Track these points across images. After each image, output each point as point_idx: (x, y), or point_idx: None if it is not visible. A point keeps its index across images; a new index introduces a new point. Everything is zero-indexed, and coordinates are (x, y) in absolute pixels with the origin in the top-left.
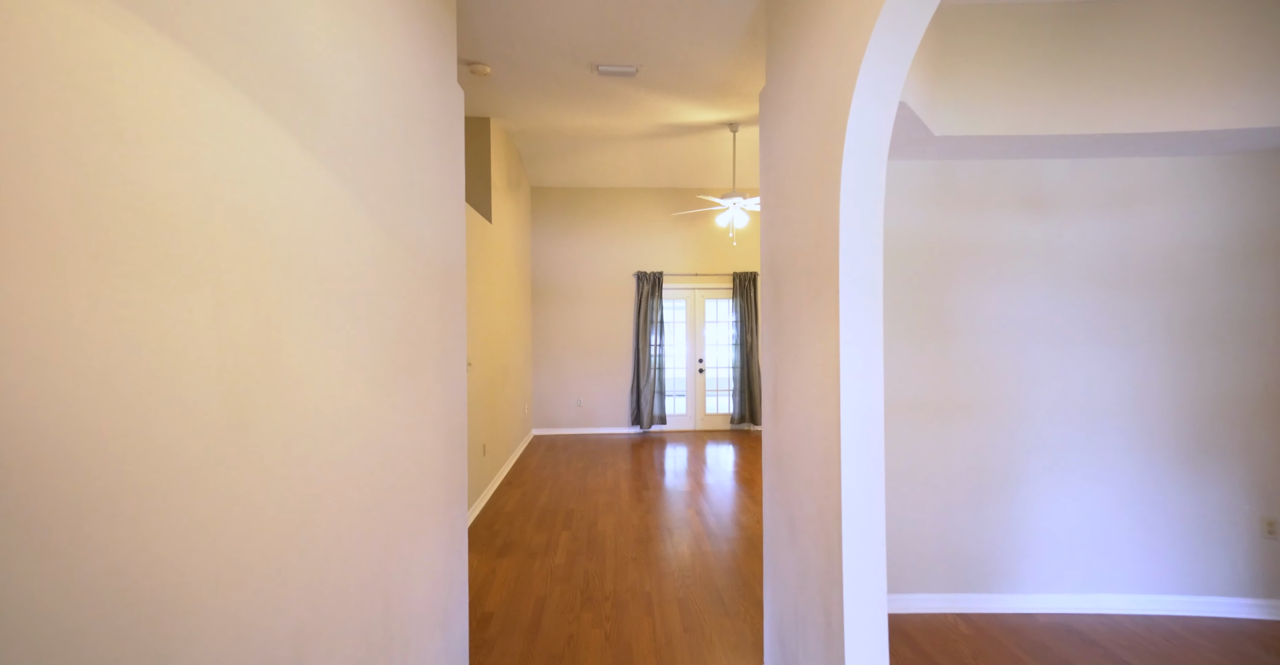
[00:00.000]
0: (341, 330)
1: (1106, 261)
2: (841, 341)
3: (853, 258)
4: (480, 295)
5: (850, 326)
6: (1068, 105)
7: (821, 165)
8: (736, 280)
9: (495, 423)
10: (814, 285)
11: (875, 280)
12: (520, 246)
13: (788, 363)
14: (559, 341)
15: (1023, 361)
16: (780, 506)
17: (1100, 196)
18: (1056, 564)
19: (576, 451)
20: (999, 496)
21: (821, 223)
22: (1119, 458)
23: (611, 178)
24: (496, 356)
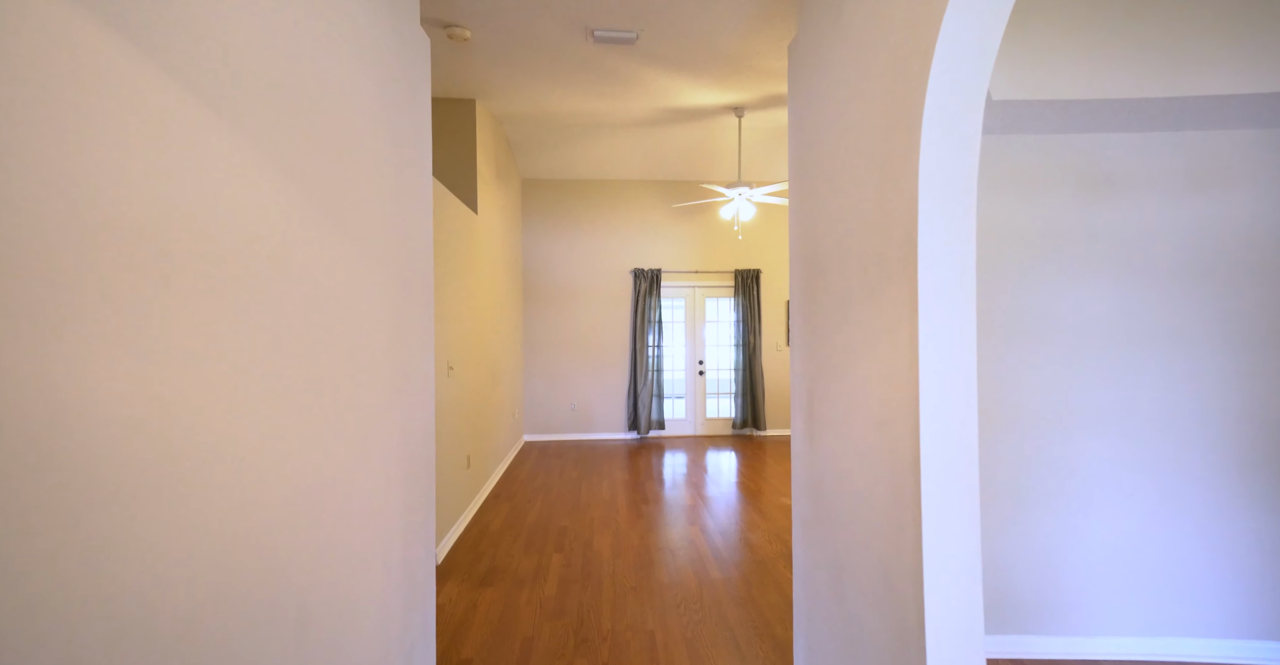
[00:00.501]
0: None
1: (1181, 252)
2: (921, 347)
3: (938, 240)
4: (466, 293)
5: (934, 328)
6: (1148, 63)
7: (889, 126)
8: (738, 277)
9: (481, 431)
10: (875, 277)
11: (967, 267)
12: (510, 241)
13: (829, 374)
14: (552, 342)
15: (1080, 365)
16: (818, 549)
17: (1174, 176)
18: (1122, 601)
19: (570, 459)
20: (1050, 520)
21: (890, 198)
22: (1195, 477)
23: (607, 169)
24: (484, 359)
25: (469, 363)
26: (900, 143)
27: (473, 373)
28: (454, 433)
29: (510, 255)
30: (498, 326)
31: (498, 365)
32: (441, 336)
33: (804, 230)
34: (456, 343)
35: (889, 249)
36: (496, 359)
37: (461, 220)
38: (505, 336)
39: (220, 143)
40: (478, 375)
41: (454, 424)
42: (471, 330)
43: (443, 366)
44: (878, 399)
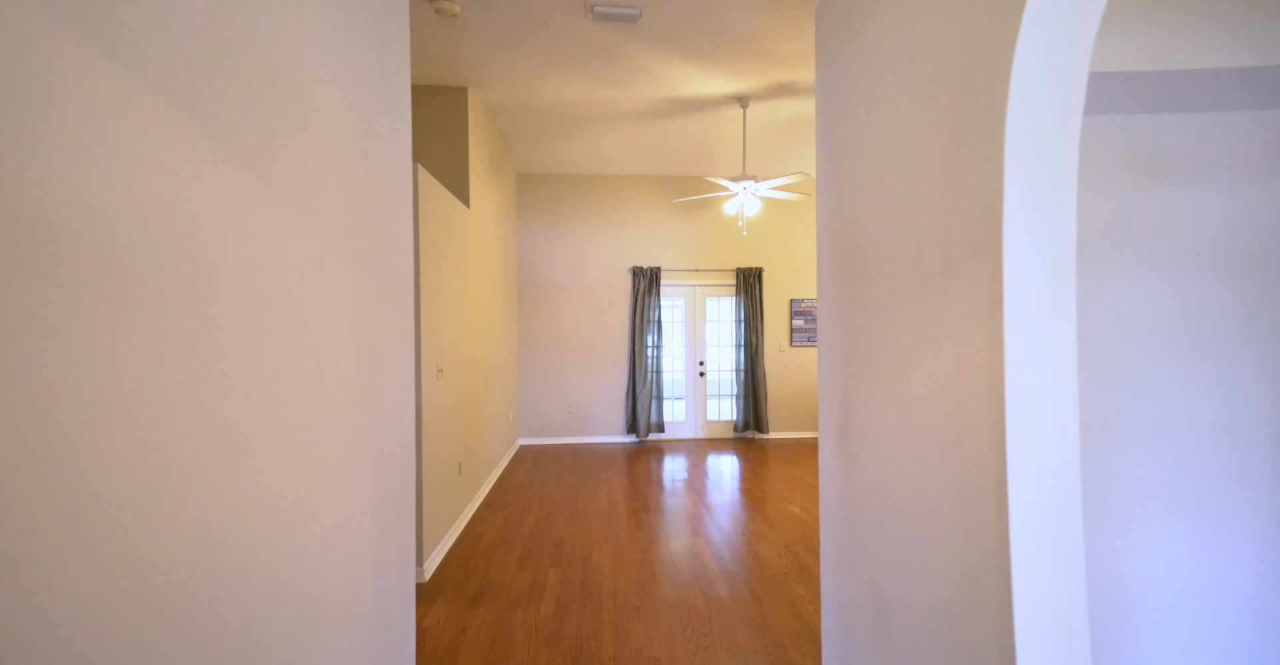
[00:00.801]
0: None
1: (1244, 244)
2: (1007, 351)
3: (1029, 220)
4: (458, 291)
5: (1024, 327)
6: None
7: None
8: (740, 276)
9: (474, 436)
10: (935, 267)
11: (1066, 252)
12: (504, 238)
13: (872, 381)
14: (548, 342)
15: (1125, 369)
16: (855, 582)
17: (1235, 160)
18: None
19: (567, 464)
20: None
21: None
22: (1261, 496)
23: (605, 164)
24: (476, 361)
25: (460, 365)
26: (975, 106)
27: (464, 375)
28: (444, 439)
29: (504, 252)
30: (491, 326)
31: (491, 367)
32: (431, 338)
33: (835, 218)
34: (447, 344)
35: (957, 233)
36: (490, 360)
37: (453, 214)
38: (499, 337)
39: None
40: (470, 378)
41: (444, 430)
42: (463, 331)
43: (431, 369)
44: (941, 413)
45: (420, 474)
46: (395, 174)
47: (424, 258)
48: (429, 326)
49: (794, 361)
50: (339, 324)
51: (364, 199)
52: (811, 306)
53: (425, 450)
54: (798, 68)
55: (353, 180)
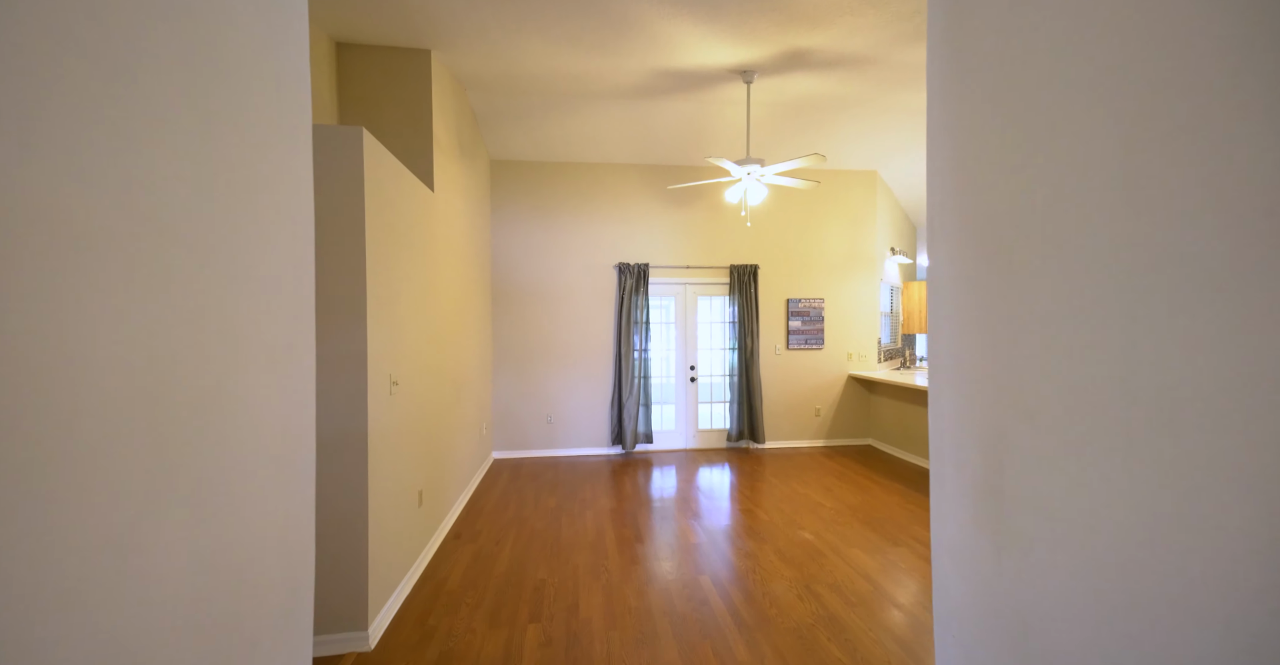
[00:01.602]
0: None
1: None
2: None
3: None
4: (420, 288)
5: None
6: None
7: None
8: (734, 274)
9: (439, 457)
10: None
11: None
12: (477, 230)
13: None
14: (525, 346)
15: None
16: None
17: None
18: None
19: (547, 482)
20: None
21: None
22: None
23: (589, 150)
24: (443, 368)
25: (422, 374)
26: None
27: (428, 386)
28: (399, 466)
29: (477, 246)
30: (461, 329)
31: (461, 375)
32: (383, 344)
33: (973, 183)
34: (406, 351)
35: None
36: (460, 367)
37: (414, 198)
38: (471, 340)
39: None
40: (435, 388)
41: (399, 455)
42: (427, 334)
43: (381, 383)
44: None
45: (367, 515)
46: (271, 134)
47: (375, 248)
48: (381, 331)
49: (790, 366)
50: (210, 324)
51: (196, 163)
52: (810, 307)
53: (375, 483)
54: (818, 27)
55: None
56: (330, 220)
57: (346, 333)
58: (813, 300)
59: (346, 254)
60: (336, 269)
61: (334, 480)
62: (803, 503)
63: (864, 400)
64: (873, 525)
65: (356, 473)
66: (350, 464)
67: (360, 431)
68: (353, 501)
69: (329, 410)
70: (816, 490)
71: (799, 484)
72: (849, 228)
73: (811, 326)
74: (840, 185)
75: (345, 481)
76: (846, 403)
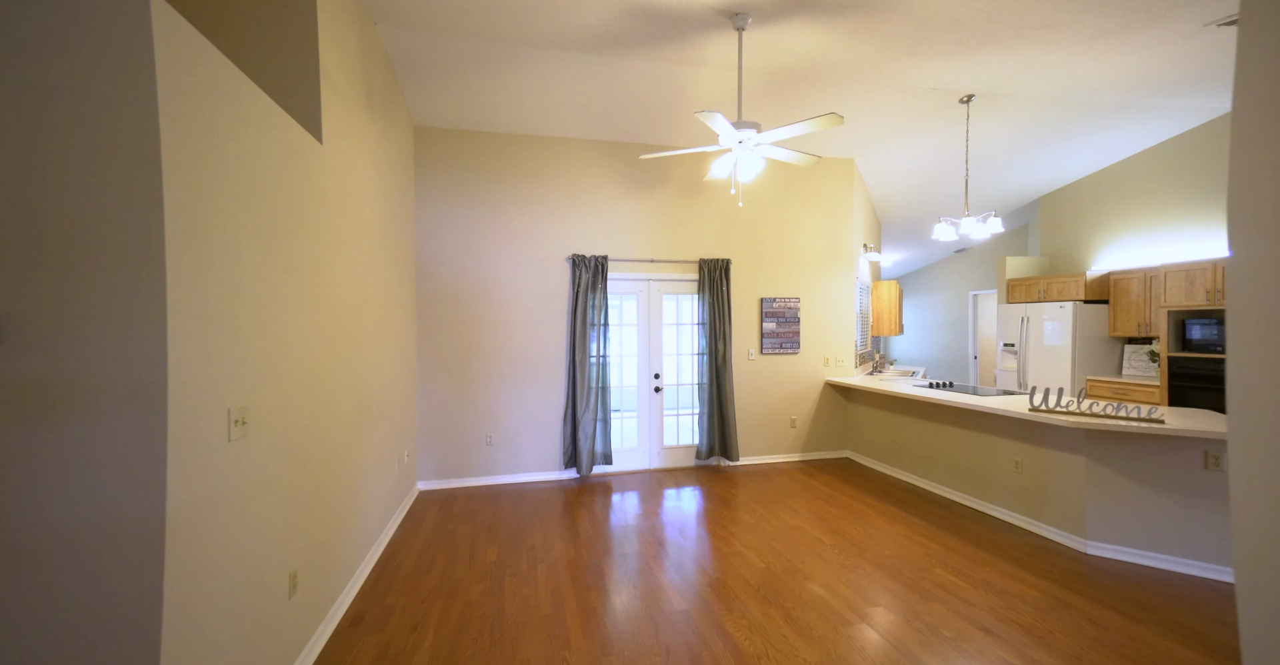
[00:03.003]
0: None
1: None
2: None
3: None
4: (299, 276)
5: None
6: None
7: None
8: (704, 269)
9: (328, 513)
10: None
11: None
12: (395, 211)
13: None
14: (459, 353)
15: None
16: None
17: None
18: None
19: (485, 522)
20: None
21: None
22: None
23: (538, 120)
24: (341, 385)
25: (299, 401)
26: None
27: (307, 415)
28: (253, 544)
29: (395, 230)
30: (372, 332)
31: (368, 393)
32: (216, 364)
33: None
34: (267, 370)
35: None
36: (367, 384)
37: (283, 145)
38: (386, 346)
39: None
40: (320, 417)
41: (252, 528)
42: (310, 344)
43: (216, 422)
44: None
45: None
46: None
47: (188, 202)
48: (211, 342)
49: (765, 372)
50: None
51: None
52: (785, 307)
53: (192, 587)
54: None
55: None
56: (80, 144)
57: (120, 349)
58: (788, 300)
59: (119, 207)
60: (101, 234)
61: (98, 600)
62: (798, 540)
63: (841, 409)
64: (888, 570)
65: (138, 584)
66: (127, 572)
67: (149, 514)
68: (132, 635)
69: (73, 485)
70: (809, 520)
71: (787, 513)
72: (826, 220)
73: (787, 328)
74: (817, 173)
75: (120, 599)
76: (823, 412)
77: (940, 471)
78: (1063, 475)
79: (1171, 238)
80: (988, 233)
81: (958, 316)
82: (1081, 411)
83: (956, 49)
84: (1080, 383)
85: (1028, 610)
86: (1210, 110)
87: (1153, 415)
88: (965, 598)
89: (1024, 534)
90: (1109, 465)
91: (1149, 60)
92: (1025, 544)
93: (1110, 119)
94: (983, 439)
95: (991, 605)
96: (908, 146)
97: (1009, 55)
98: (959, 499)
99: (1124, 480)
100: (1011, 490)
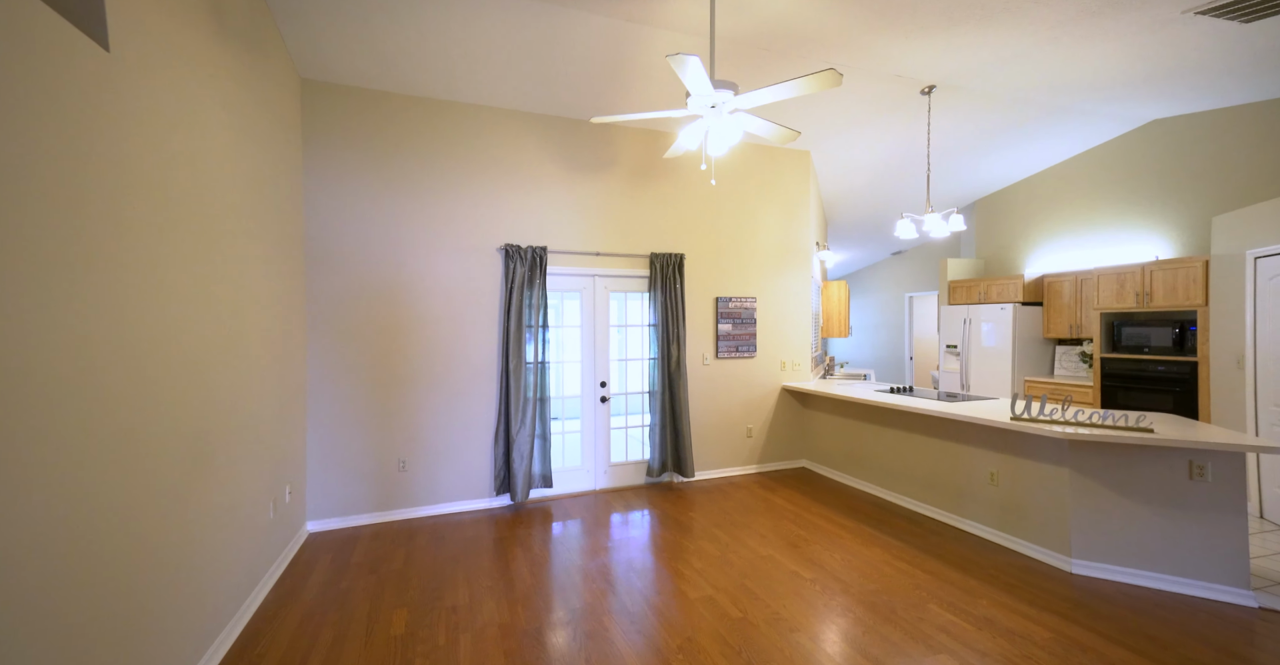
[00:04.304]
0: None
1: None
2: None
3: None
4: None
5: None
6: None
7: None
8: (655, 265)
9: (129, 607)
10: None
11: None
12: (271, 180)
13: None
14: (366, 361)
15: None
16: None
17: None
18: None
19: (393, 574)
20: None
21: None
22: None
23: (461, 83)
24: (164, 420)
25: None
26: None
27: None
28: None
29: (270, 204)
30: (231, 338)
31: (221, 420)
32: None
33: None
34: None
35: None
36: (218, 407)
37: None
38: (254, 357)
39: None
40: (119, 470)
41: None
42: (96, 356)
43: None
44: None
45: None
46: None
47: None
48: None
49: (720, 378)
50: None
51: None
52: (741, 307)
53: None
54: None
55: None
56: None
57: None
58: (744, 299)
59: None
60: None
61: None
62: (773, 574)
63: (798, 416)
64: (880, 611)
65: None
66: None
67: None
68: None
69: None
70: (780, 548)
71: (754, 539)
72: (782, 214)
73: (743, 331)
74: (774, 164)
75: None
76: (780, 420)
77: (906, 483)
78: (1044, 488)
79: (1100, 241)
80: (949, 230)
81: (895, 318)
82: (1067, 420)
83: (921, 31)
84: (1019, 384)
85: (1046, 659)
86: (1135, 118)
87: (1141, 423)
88: (974, 644)
89: (1005, 553)
90: (1094, 477)
91: (1111, 54)
92: (1010, 565)
93: (1050, 122)
94: (954, 449)
95: (1005, 654)
96: (865, 140)
97: (973, 40)
98: (929, 513)
99: (1109, 493)
100: (986, 504)
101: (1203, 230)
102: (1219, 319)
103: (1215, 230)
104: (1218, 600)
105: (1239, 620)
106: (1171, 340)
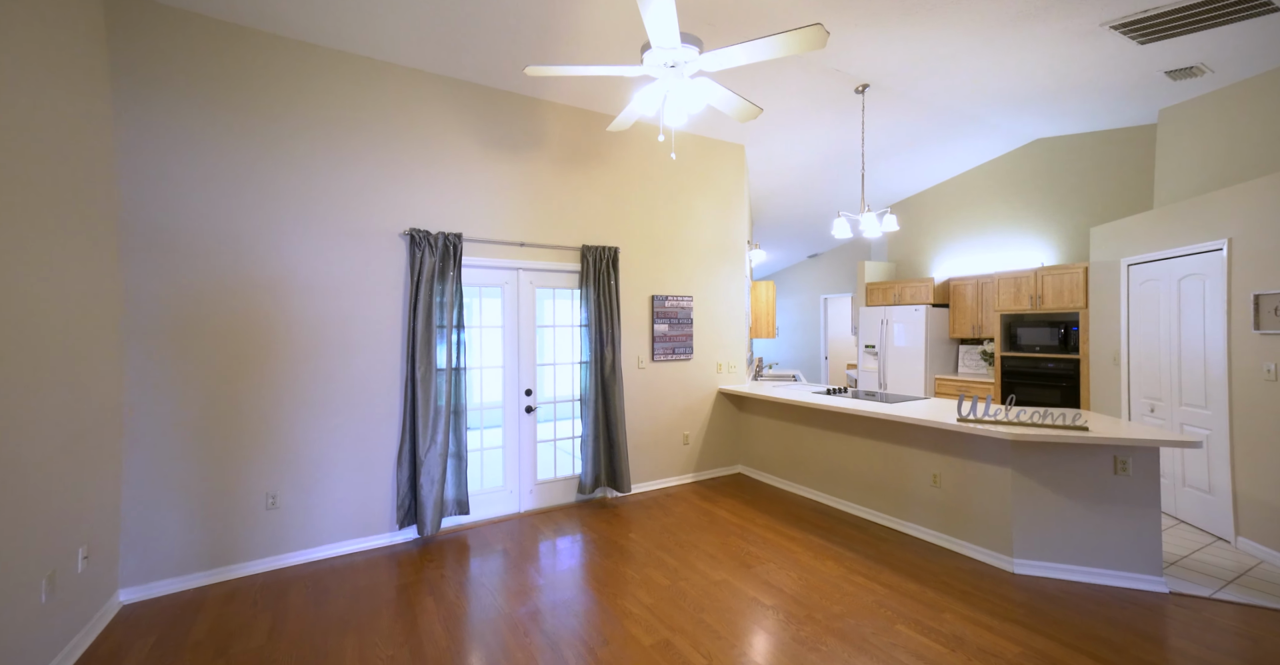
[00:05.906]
0: None
1: None
2: None
3: None
4: None
5: None
6: None
7: None
8: (588, 258)
9: None
10: None
11: None
12: (62, 133)
13: None
14: (219, 371)
15: None
16: None
17: None
18: None
19: (250, 656)
20: None
21: None
22: None
23: (352, 29)
24: None
25: None
26: None
27: None
28: None
29: (44, 163)
30: None
31: None
32: None
33: None
34: None
35: None
36: None
37: None
38: (18, 376)
39: None
40: None
41: None
42: None
43: None
44: None
45: None
46: None
47: None
48: None
49: (657, 382)
50: None
51: None
52: (678, 307)
53: None
54: None
55: None
56: None
57: None
58: (680, 298)
59: None
60: None
61: None
62: (732, 604)
63: (733, 420)
64: (850, 640)
65: None
66: None
67: None
68: None
69: None
70: (733, 569)
71: (704, 562)
72: (718, 209)
73: (680, 331)
74: (710, 156)
75: None
76: (716, 425)
77: (847, 487)
78: (986, 489)
79: (998, 245)
80: (882, 231)
81: (811, 319)
82: (1011, 421)
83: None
84: (931, 382)
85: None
86: (1022, 136)
87: (1076, 422)
88: None
89: (951, 556)
90: (1033, 476)
91: (1028, 62)
92: (958, 569)
93: (962, 132)
94: (896, 451)
95: None
96: (797, 136)
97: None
98: (873, 517)
99: (1046, 492)
100: (929, 506)
101: (1083, 240)
102: (1098, 320)
103: (1093, 240)
104: (1137, 589)
105: (1160, 608)
106: (1058, 340)
